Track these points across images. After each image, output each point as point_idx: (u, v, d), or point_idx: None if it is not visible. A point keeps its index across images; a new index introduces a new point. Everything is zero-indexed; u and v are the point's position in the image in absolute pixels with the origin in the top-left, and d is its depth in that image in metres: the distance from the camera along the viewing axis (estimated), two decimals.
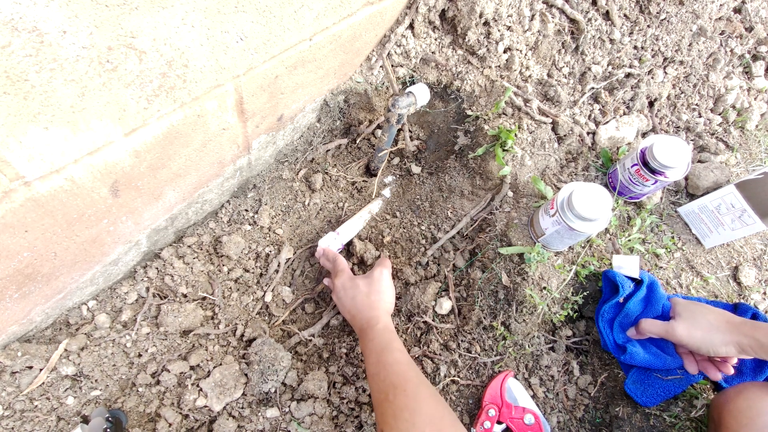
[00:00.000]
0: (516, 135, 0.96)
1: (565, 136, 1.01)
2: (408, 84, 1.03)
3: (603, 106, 1.05)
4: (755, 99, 1.18)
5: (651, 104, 1.10)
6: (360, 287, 0.83)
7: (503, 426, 0.79)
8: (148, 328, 0.82)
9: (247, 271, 0.92)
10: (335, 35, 0.81)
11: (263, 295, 0.91)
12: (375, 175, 1.10)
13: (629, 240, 0.93)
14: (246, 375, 0.80)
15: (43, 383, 0.74)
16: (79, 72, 0.48)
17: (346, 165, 1.11)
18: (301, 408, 0.79)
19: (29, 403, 0.73)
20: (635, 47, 1.08)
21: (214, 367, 0.80)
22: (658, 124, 1.09)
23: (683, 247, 0.98)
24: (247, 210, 0.96)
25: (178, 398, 0.78)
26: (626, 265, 0.87)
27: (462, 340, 0.86)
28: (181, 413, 0.77)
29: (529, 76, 1.02)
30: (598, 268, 0.89)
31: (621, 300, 0.83)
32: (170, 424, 0.76)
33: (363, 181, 1.09)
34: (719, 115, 1.15)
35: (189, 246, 0.90)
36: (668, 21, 1.09)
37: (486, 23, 0.96)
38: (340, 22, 0.80)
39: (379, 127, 1.09)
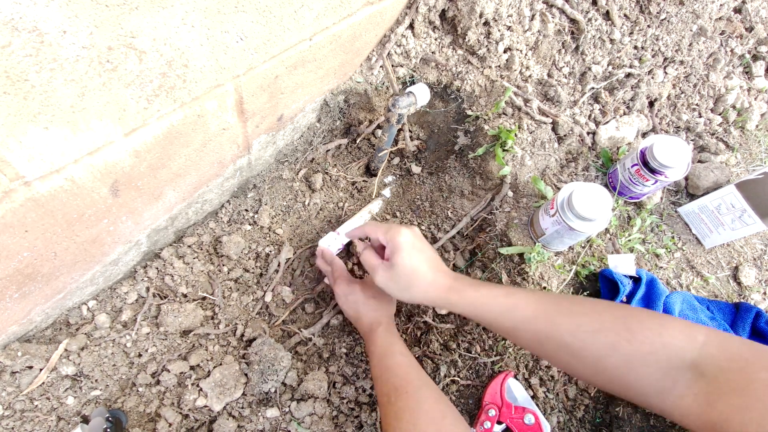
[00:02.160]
0: (516, 135, 0.96)
1: (565, 136, 1.01)
2: (408, 84, 1.03)
3: (603, 106, 1.05)
4: (755, 99, 1.18)
5: (651, 104, 1.10)
6: (359, 292, 0.83)
7: (503, 426, 0.79)
8: (148, 328, 0.82)
9: (247, 271, 0.92)
10: (335, 35, 0.81)
11: (263, 295, 0.91)
12: (375, 175, 1.10)
13: (629, 240, 0.93)
14: (246, 375, 0.80)
15: (43, 383, 0.74)
16: (79, 72, 0.48)
17: (346, 165, 1.10)
18: (301, 408, 0.79)
19: (29, 403, 0.73)
20: (635, 47, 1.08)
21: (214, 367, 0.80)
22: (658, 124, 1.09)
23: (683, 247, 0.98)
24: (247, 210, 0.96)
25: (178, 398, 0.78)
26: (622, 264, 0.87)
27: (462, 340, 0.86)
28: (181, 413, 0.77)
29: (529, 76, 1.02)
30: (598, 268, 0.89)
31: (624, 299, 0.83)
32: (170, 424, 0.76)
33: (363, 181, 1.09)
34: (719, 115, 1.15)
35: (189, 246, 0.90)
36: (668, 21, 1.09)
37: (486, 23, 0.96)
38: (340, 22, 0.80)
39: (379, 127, 1.09)
